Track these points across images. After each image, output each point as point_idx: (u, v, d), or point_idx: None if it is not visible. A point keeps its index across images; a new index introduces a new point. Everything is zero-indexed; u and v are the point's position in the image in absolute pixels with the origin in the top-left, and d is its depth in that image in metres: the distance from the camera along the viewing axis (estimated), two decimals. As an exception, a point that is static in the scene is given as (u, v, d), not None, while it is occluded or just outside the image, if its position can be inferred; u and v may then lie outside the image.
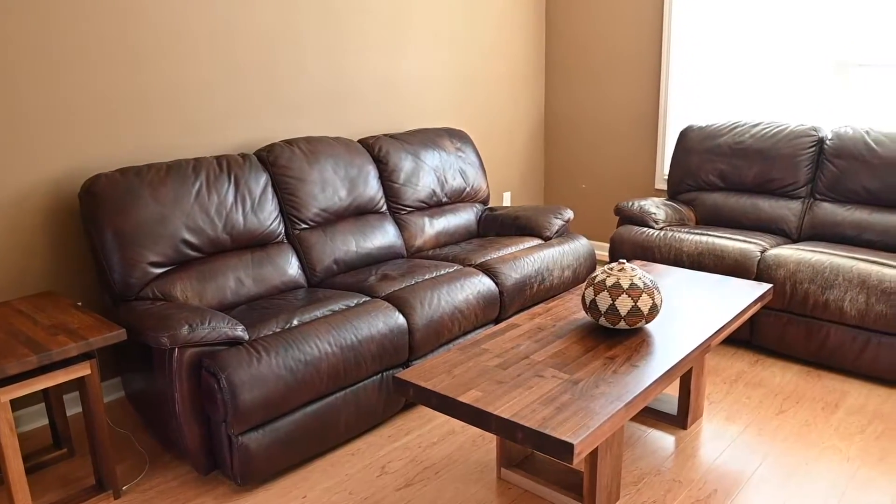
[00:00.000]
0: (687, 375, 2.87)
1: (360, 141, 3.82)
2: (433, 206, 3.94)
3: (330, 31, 3.78)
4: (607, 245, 5.27)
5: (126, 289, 2.77)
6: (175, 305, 2.64)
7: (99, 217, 2.75)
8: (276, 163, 3.32)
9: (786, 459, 2.71)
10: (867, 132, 3.81)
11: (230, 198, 3.08)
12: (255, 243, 3.18)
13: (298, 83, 3.69)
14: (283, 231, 3.29)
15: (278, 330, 2.66)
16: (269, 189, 3.24)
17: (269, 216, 3.20)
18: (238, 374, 2.38)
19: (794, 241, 3.88)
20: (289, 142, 3.43)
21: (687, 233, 3.81)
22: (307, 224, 3.36)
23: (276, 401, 2.47)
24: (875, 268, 3.23)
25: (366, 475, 2.66)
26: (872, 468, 2.65)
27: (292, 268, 3.23)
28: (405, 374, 2.20)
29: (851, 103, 4.15)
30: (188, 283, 2.89)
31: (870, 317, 3.18)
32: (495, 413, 1.96)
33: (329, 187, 3.43)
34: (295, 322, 2.73)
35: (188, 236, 2.92)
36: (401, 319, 2.90)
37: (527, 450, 2.66)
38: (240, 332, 2.52)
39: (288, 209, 3.32)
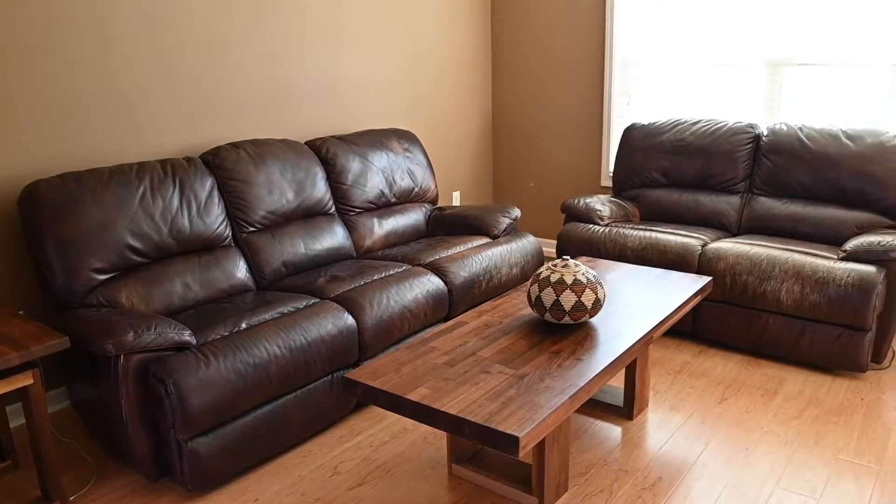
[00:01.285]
0: (632, 368, 2.94)
1: (307, 143, 3.82)
2: (382, 206, 3.96)
3: (270, 33, 3.77)
4: (555, 242, 5.35)
5: (69, 296, 2.73)
6: (120, 312, 2.61)
7: (39, 224, 2.70)
8: (222, 166, 3.30)
9: (727, 445, 2.80)
10: (800, 129, 3.95)
11: (175, 202, 3.05)
12: (202, 247, 3.16)
13: (241, 85, 3.68)
14: (230, 234, 3.27)
15: (226, 334, 2.65)
16: (215, 192, 3.22)
17: (215, 220, 3.18)
18: (186, 380, 2.36)
19: (734, 235, 4.00)
20: (234, 144, 3.42)
21: (631, 228, 3.91)
22: (255, 227, 3.35)
23: (225, 405, 2.46)
24: (809, 259, 3.36)
25: (318, 476, 2.67)
26: (808, 450, 2.76)
27: (240, 271, 3.21)
28: (354, 374, 2.22)
29: (786, 101, 4.30)
30: (134, 289, 2.86)
31: (805, 306, 3.30)
32: (442, 409, 1.99)
33: (276, 190, 3.43)
34: (243, 325, 2.72)
35: (133, 242, 2.89)
36: (350, 320, 2.92)
37: (477, 445, 2.70)
38: (187, 336, 2.51)
39: (235, 212, 3.30)
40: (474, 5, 5.12)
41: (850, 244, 3.36)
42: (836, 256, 3.39)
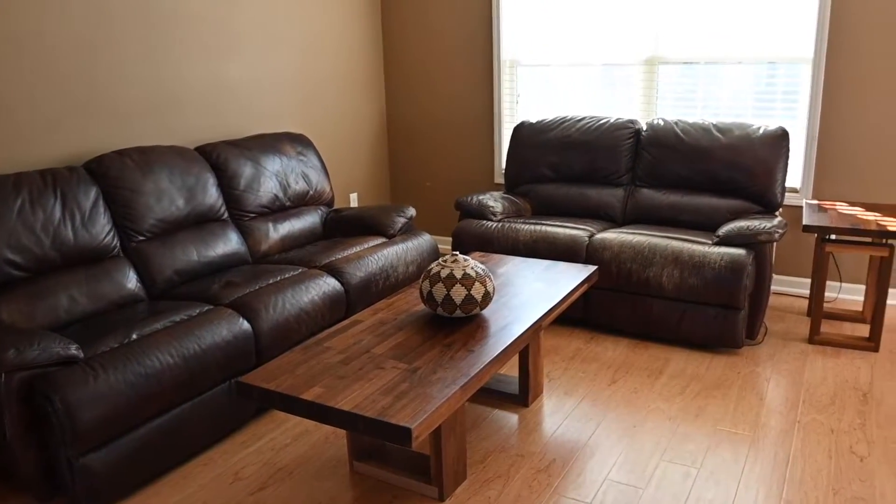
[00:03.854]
0: (525, 356, 3.06)
1: (196, 149, 3.77)
2: (277, 210, 3.95)
3: (152, 36, 3.69)
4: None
5: (-57, 316, 2.61)
6: (0, 329, 2.52)
7: None
8: (107, 175, 3.22)
9: (617, 424, 2.96)
10: (676, 123, 4.19)
11: (57, 213, 2.96)
12: (89, 259, 3.07)
13: (126, 91, 3.59)
14: (118, 245, 3.20)
15: (116, 346, 2.60)
16: (101, 202, 3.14)
17: (101, 230, 3.10)
18: (74, 395, 2.31)
19: (620, 225, 4.20)
20: (120, 152, 3.34)
21: (523, 223, 4.04)
22: (144, 236, 3.28)
23: (118, 418, 2.42)
24: (686, 245, 3.57)
25: (218, 484, 2.65)
26: (690, 424, 2.94)
27: (130, 282, 3.14)
28: (248, 378, 2.23)
29: (662, 98, 4.54)
30: (15, 305, 2.76)
31: (684, 289, 3.51)
32: (336, 407, 2.03)
33: (165, 197, 3.37)
34: (134, 336, 2.67)
35: (11, 256, 2.78)
36: (245, 325, 2.91)
37: (377, 441, 2.74)
38: (73, 350, 2.45)
39: (122, 222, 3.22)
40: (364, 9, 5.16)
41: (723, 230, 3.60)
42: (710, 242, 3.62)
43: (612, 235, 3.77)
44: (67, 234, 2.97)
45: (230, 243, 3.58)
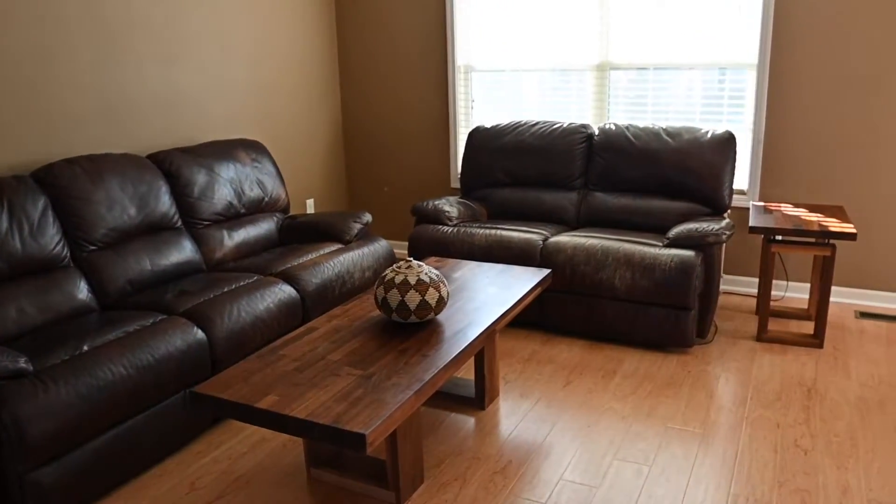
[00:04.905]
0: (481, 360, 3.09)
1: (149, 156, 3.73)
2: (231, 217, 3.93)
3: (102, 42, 3.64)
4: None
5: None
6: (-54, 343, 2.47)
7: None
8: (56, 184, 3.17)
9: (572, 425, 3.01)
10: (627, 128, 4.27)
11: (4, 223, 2.91)
12: (38, 270, 3.02)
13: (75, 98, 3.54)
14: (68, 255, 3.15)
15: (67, 358, 2.56)
16: (49, 212, 3.09)
17: (50, 240, 3.05)
18: (23, 409, 2.27)
19: (574, 229, 4.26)
20: (69, 161, 3.29)
21: (478, 227, 4.08)
22: (95, 246, 3.24)
23: (69, 431, 2.39)
24: (638, 247, 3.65)
25: (174, 494, 2.63)
26: (642, 423, 3.01)
27: (81, 292, 3.10)
28: (202, 388, 2.22)
29: (614, 102, 4.62)
30: (-39, 319, 2.70)
31: (636, 291, 3.58)
32: (291, 415, 2.04)
33: (117, 206, 3.33)
34: (85, 348, 2.64)
35: (-43, 268, 2.73)
36: (200, 335, 2.89)
37: (334, 447, 2.75)
38: (22, 364, 2.41)
39: (73, 231, 3.18)
40: (318, 15, 5.15)
41: (673, 232, 3.68)
42: (661, 244, 3.70)
43: (565, 239, 3.83)
44: (15, 245, 2.92)
45: (184, 251, 3.55)
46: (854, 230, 3.45)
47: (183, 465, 2.82)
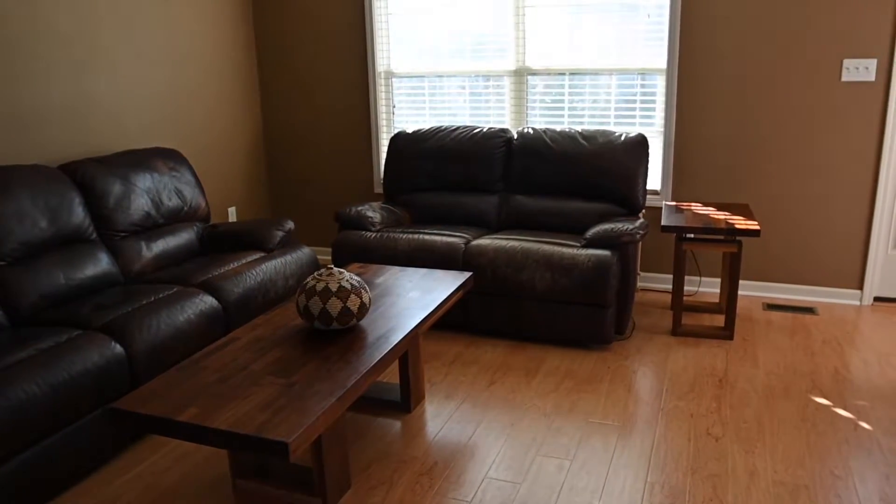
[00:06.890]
0: (406, 363, 3.13)
1: (61, 167, 3.63)
2: (150, 228, 3.85)
3: (10, 52, 3.52)
4: (338, 250, 5.48)
5: None
6: None
7: None
8: (-40, 198, 3.05)
9: (496, 423, 3.08)
10: (545, 132, 4.39)
11: None
12: (-58, 288, 2.91)
13: (-20, 110, 3.41)
14: (-25, 271, 3.04)
15: (-24, 378, 2.48)
16: (-46, 227, 2.98)
17: (-45, 257, 2.94)
18: (-71, 432, 2.19)
19: (495, 231, 4.35)
20: (-26, 174, 3.17)
21: (401, 232, 4.12)
22: (4, 261, 3.13)
23: (-21, 454, 2.31)
24: (556, 248, 3.75)
25: (94, 513, 2.58)
26: (564, 418, 3.10)
27: (-9, 310, 3.00)
28: (120, 403, 2.18)
29: (532, 107, 4.73)
30: None
31: (556, 290, 3.69)
32: (212, 427, 2.03)
33: (27, 219, 3.23)
34: (-4, 367, 2.56)
35: None
36: (118, 349, 2.83)
37: (260, 457, 2.74)
38: (-73, 386, 2.32)
39: (-21, 247, 3.07)
40: (236, 21, 5.10)
41: (590, 232, 3.80)
42: (579, 244, 3.81)
43: (487, 241, 3.91)
44: (-83, 263, 2.80)
45: (100, 264, 3.47)
46: (758, 227, 3.63)
47: (104, 483, 2.76)
